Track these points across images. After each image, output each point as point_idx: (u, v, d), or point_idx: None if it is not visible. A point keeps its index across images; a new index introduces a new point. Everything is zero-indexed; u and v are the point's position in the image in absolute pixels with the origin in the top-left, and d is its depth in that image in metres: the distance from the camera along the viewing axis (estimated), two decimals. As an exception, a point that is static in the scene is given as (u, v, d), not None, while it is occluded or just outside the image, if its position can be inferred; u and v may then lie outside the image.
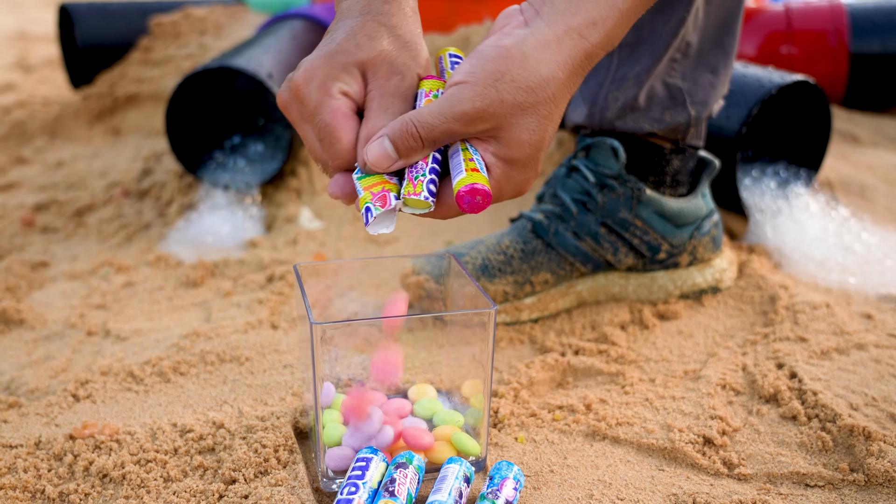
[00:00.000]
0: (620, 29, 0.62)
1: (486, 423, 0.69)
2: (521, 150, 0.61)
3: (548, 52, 0.60)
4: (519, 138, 0.60)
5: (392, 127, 0.60)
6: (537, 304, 0.96)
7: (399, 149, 0.60)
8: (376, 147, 0.60)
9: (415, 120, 0.59)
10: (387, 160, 0.60)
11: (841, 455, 0.73)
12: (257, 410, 0.79)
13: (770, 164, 1.26)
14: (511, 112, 0.59)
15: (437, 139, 0.60)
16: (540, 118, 0.60)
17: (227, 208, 1.27)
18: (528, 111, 0.60)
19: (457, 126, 0.59)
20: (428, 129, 0.59)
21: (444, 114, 0.59)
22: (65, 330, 0.98)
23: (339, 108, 0.61)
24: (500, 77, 0.59)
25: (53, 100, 1.89)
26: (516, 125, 0.60)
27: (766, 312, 0.97)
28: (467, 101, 0.59)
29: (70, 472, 0.72)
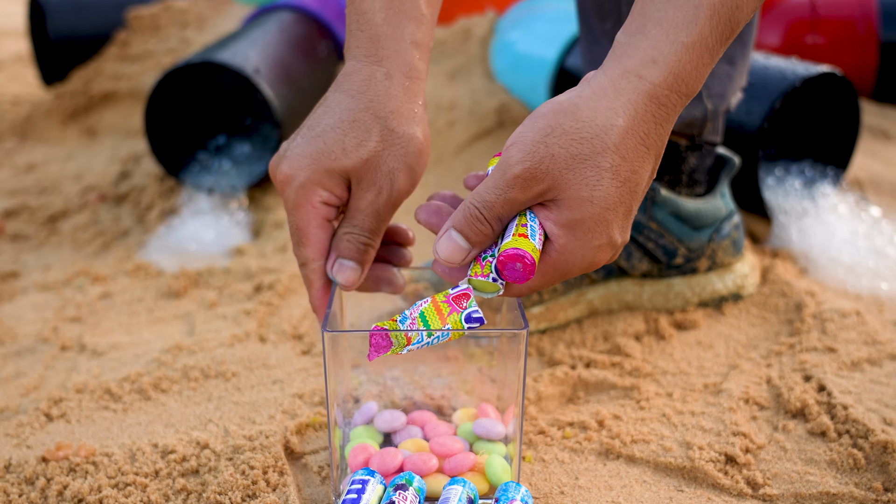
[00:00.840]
0: (690, 66, 0.60)
1: (519, 449, 0.69)
2: (583, 209, 0.59)
3: (603, 100, 0.59)
4: (578, 195, 0.59)
5: (456, 216, 0.61)
6: (545, 314, 0.96)
7: (468, 236, 0.60)
8: (445, 241, 0.61)
9: (474, 201, 0.60)
10: (459, 252, 0.61)
11: (874, 473, 0.73)
12: (244, 429, 0.79)
13: (795, 163, 1.26)
14: (565, 167, 0.58)
15: (501, 214, 0.60)
16: (601, 171, 0.58)
17: (212, 213, 1.27)
18: (585, 164, 0.58)
19: (514, 193, 0.59)
20: (489, 206, 0.60)
21: (498, 185, 0.59)
22: (37, 345, 0.98)
23: (313, 217, 0.67)
24: (549, 132, 0.58)
25: (24, 98, 1.89)
26: (573, 181, 0.58)
27: (791, 321, 0.97)
28: (517, 163, 0.58)
29: (43, 496, 0.72)
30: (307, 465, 0.76)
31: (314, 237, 0.67)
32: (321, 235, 0.68)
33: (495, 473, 0.69)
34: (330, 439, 0.68)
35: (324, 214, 0.67)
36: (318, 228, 0.67)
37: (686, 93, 0.61)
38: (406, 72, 0.69)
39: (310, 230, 0.67)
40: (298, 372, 0.89)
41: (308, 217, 0.67)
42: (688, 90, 0.60)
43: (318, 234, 0.67)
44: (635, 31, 0.60)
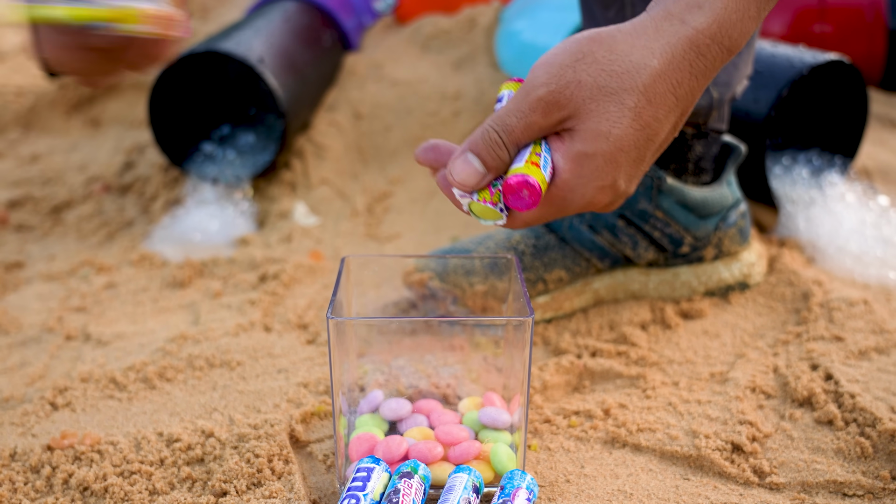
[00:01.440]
0: (736, 17, 0.57)
1: (524, 437, 0.69)
2: (597, 143, 0.56)
3: (642, 38, 0.57)
4: (596, 129, 0.56)
5: (473, 138, 0.58)
6: (551, 304, 0.96)
7: (485, 160, 0.58)
8: (461, 164, 0.58)
9: (494, 125, 0.58)
10: (475, 175, 0.58)
11: (882, 462, 0.73)
12: (249, 418, 0.79)
13: (802, 152, 1.26)
14: (590, 97, 0.56)
15: (520, 139, 0.58)
16: (623, 108, 0.56)
17: (216, 203, 1.28)
18: (610, 98, 0.56)
19: (536, 117, 0.57)
20: (508, 130, 0.57)
21: (520, 108, 0.57)
22: (42, 334, 0.98)
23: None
24: (580, 57, 0.56)
25: (28, 89, 1.89)
26: (594, 112, 0.56)
27: (798, 310, 0.97)
28: (542, 85, 0.56)
29: (48, 485, 0.72)
30: (312, 454, 0.76)
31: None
32: None
33: (501, 462, 0.69)
34: (335, 427, 0.68)
35: None
36: None
37: (728, 46, 0.58)
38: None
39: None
40: (303, 361, 0.90)
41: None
42: (731, 43, 0.58)
43: None
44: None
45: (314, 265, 1.11)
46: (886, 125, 1.53)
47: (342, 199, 1.32)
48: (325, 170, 1.36)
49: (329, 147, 1.40)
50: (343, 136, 1.45)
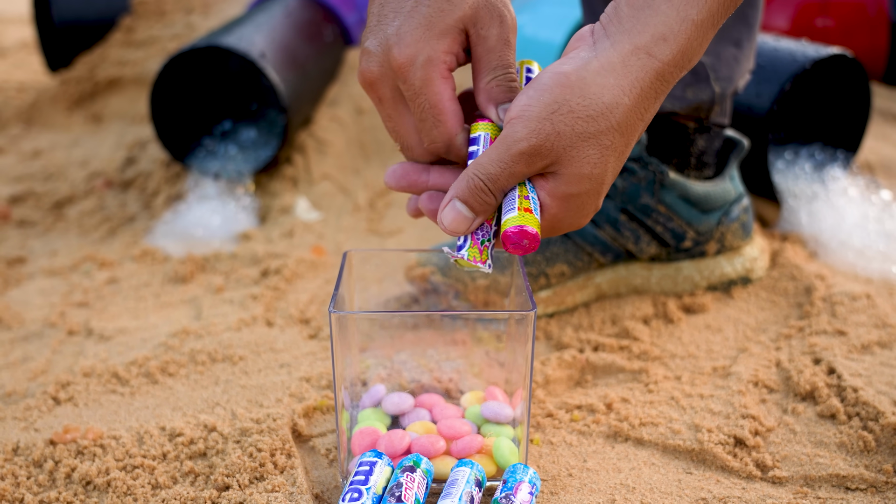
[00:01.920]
0: (696, 43, 0.60)
1: (527, 431, 0.70)
2: (581, 185, 0.60)
3: (612, 76, 0.59)
4: (579, 173, 0.59)
5: (458, 186, 0.61)
6: (553, 298, 0.96)
7: (473, 207, 0.61)
8: (450, 212, 0.61)
9: (478, 173, 0.60)
10: (465, 222, 0.61)
11: (884, 456, 0.73)
12: (252, 413, 0.79)
13: (804, 146, 1.26)
14: (570, 145, 0.59)
15: (505, 186, 0.61)
16: (602, 149, 0.59)
17: (218, 199, 1.28)
18: (588, 142, 0.59)
19: (519, 168, 0.59)
20: (493, 179, 0.60)
21: (503, 159, 0.59)
22: (44, 329, 0.98)
23: (445, 90, 0.63)
24: (556, 109, 0.58)
25: (29, 85, 1.89)
26: (576, 158, 0.59)
27: (801, 304, 0.97)
28: (522, 139, 0.59)
29: (51, 479, 0.72)
30: (315, 448, 0.76)
31: (450, 110, 0.63)
32: (456, 108, 0.64)
33: (503, 456, 0.69)
34: (337, 422, 0.69)
35: (452, 85, 0.64)
36: (451, 101, 0.64)
37: (687, 67, 0.61)
38: None
39: (445, 104, 0.63)
40: (306, 356, 0.90)
41: (440, 90, 0.63)
42: (690, 65, 0.61)
43: (453, 106, 0.64)
44: (643, 5, 0.59)
45: (316, 260, 1.11)
46: (889, 120, 1.53)
47: (344, 194, 1.32)
48: (326, 165, 1.36)
49: (331, 142, 1.40)
50: (345, 131, 1.45)
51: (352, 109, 1.49)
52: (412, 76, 0.63)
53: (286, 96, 1.27)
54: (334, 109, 1.49)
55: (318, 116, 1.46)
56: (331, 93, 1.54)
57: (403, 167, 0.66)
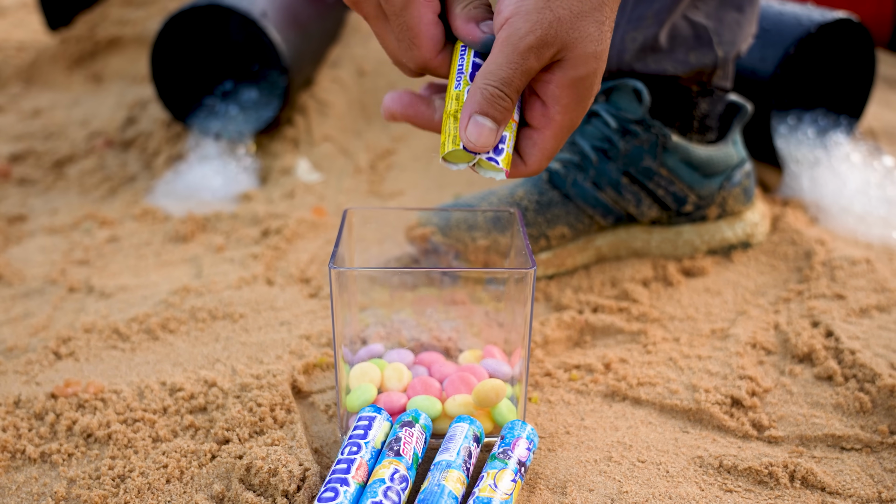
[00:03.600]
0: None
1: (525, 389, 0.70)
2: (588, 65, 0.60)
3: None
4: (584, 53, 0.59)
5: (475, 100, 0.60)
6: (553, 260, 0.96)
7: (494, 116, 0.60)
8: (473, 128, 0.60)
9: (491, 82, 0.60)
10: (491, 134, 0.60)
11: (880, 417, 0.73)
12: (252, 369, 0.80)
13: (808, 112, 1.25)
14: (571, 27, 0.59)
15: (520, 87, 0.60)
16: (599, 24, 0.59)
17: (219, 159, 1.27)
18: (587, 20, 0.59)
19: (530, 63, 0.59)
20: (507, 82, 0.59)
21: (512, 60, 0.59)
22: (45, 286, 0.99)
23: (424, 14, 0.62)
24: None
25: (29, 44, 1.88)
26: (579, 40, 0.59)
27: (800, 269, 0.97)
28: (528, 33, 0.58)
29: (52, 431, 0.73)
30: (314, 404, 0.76)
31: (427, 34, 0.62)
32: (434, 32, 0.63)
33: (501, 413, 0.69)
34: (337, 378, 0.69)
35: (434, 9, 0.62)
36: (429, 25, 0.62)
37: None
38: None
39: (422, 27, 0.62)
40: (306, 314, 0.90)
41: (419, 14, 0.62)
42: None
43: (431, 30, 0.63)
44: None
45: (317, 221, 1.11)
46: (893, 86, 1.52)
47: (345, 155, 1.32)
48: (328, 126, 1.36)
49: (332, 103, 1.40)
50: (346, 92, 1.45)
51: (353, 71, 1.49)
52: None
53: (287, 56, 1.27)
54: (336, 70, 1.48)
55: (320, 77, 1.46)
56: (332, 54, 1.53)
57: (410, 96, 0.65)
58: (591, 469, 0.68)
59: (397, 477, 0.61)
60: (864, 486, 0.66)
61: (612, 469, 0.68)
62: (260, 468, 0.65)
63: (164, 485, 0.66)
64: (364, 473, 0.62)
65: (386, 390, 0.71)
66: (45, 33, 1.92)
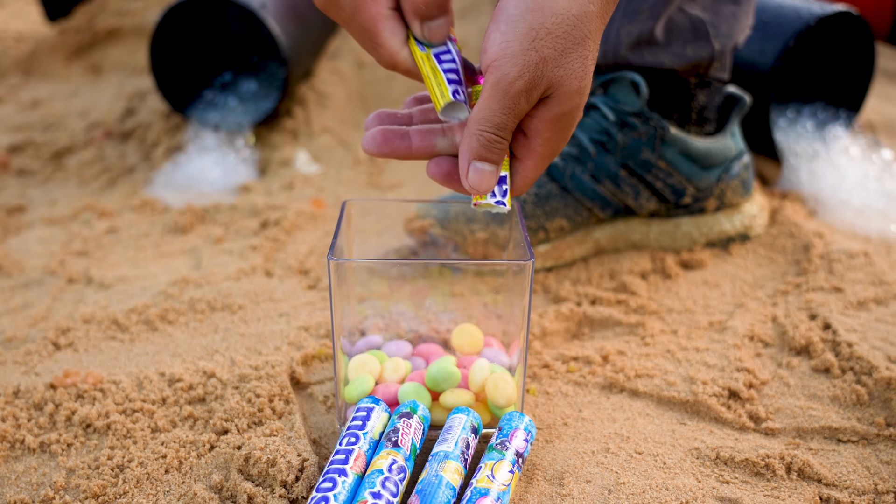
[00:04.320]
0: None
1: (523, 378, 0.70)
2: (572, 101, 0.60)
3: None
4: (570, 89, 0.60)
5: (471, 148, 0.61)
6: (551, 252, 0.96)
7: (492, 160, 0.61)
8: (475, 175, 0.61)
9: (486, 128, 0.60)
10: (491, 177, 0.61)
11: (877, 409, 0.74)
12: (251, 360, 0.80)
13: (807, 105, 1.26)
14: (557, 66, 0.59)
15: (513, 127, 0.61)
16: (583, 60, 0.60)
17: (218, 150, 1.27)
18: (570, 56, 0.59)
19: (521, 106, 0.60)
20: (502, 127, 0.60)
21: (504, 105, 0.59)
22: (44, 277, 0.99)
23: (377, 12, 0.61)
24: (535, 36, 0.58)
25: (27, 35, 1.88)
26: (565, 77, 0.59)
27: (798, 261, 0.97)
28: (516, 78, 0.58)
29: (51, 421, 0.73)
30: (313, 395, 0.77)
31: (385, 30, 0.61)
32: (392, 25, 0.62)
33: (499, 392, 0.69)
34: (335, 369, 0.69)
35: (386, 5, 0.61)
36: (385, 20, 0.61)
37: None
38: None
39: (378, 25, 0.61)
40: (304, 305, 0.90)
41: (372, 12, 0.61)
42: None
43: (388, 24, 0.61)
44: None
45: (315, 212, 1.11)
46: (892, 79, 1.52)
47: (344, 147, 1.32)
48: (327, 118, 1.36)
49: (331, 95, 1.40)
50: (345, 84, 1.45)
51: (353, 62, 1.49)
52: (342, 3, 0.61)
53: (287, 48, 1.27)
54: (335, 62, 1.48)
55: (319, 69, 1.46)
56: (332, 45, 1.53)
57: (383, 134, 0.65)
58: (588, 460, 0.68)
59: (395, 467, 0.61)
60: (860, 478, 0.66)
61: (610, 460, 0.68)
62: (259, 458, 0.65)
63: (163, 475, 0.67)
64: (362, 464, 0.62)
65: (384, 382, 0.71)
66: (44, 24, 1.92)
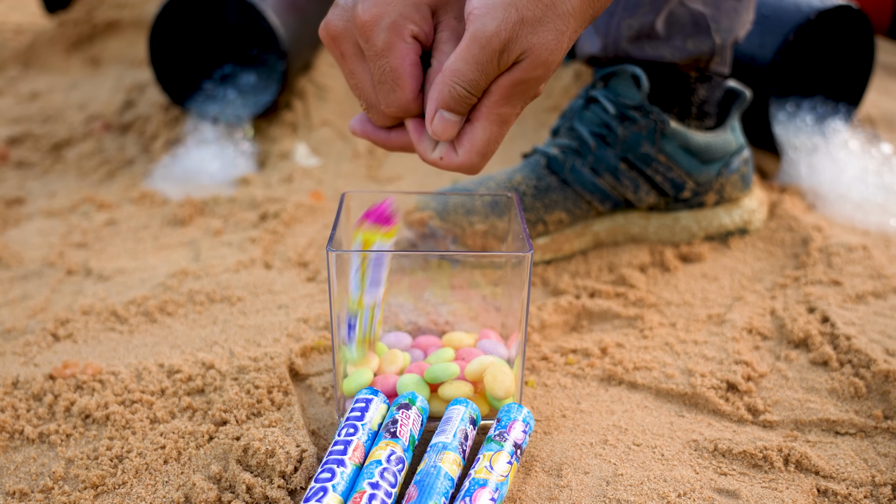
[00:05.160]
0: None
1: (521, 371, 0.70)
2: (535, 70, 0.60)
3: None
4: (538, 60, 0.59)
5: (441, 97, 0.61)
6: (550, 245, 0.96)
7: (458, 111, 0.61)
8: (439, 123, 0.61)
9: (457, 81, 0.60)
10: (454, 126, 0.62)
11: (874, 402, 0.74)
12: (249, 351, 0.80)
13: (806, 99, 1.26)
14: (531, 31, 0.58)
15: (484, 86, 0.60)
16: (558, 34, 0.59)
17: (217, 143, 1.28)
18: (547, 27, 0.59)
19: (494, 67, 0.59)
20: (474, 84, 0.60)
21: (479, 61, 0.59)
22: (43, 269, 0.99)
23: (408, 55, 0.62)
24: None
25: (26, 27, 1.88)
26: (536, 46, 0.59)
27: (797, 255, 0.97)
28: (493, 34, 0.58)
29: (50, 412, 0.73)
30: (311, 387, 0.77)
31: (410, 75, 0.62)
32: (417, 73, 0.63)
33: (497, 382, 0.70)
34: (334, 361, 0.69)
35: (417, 52, 0.63)
36: (413, 66, 0.62)
37: None
38: None
39: (406, 68, 0.62)
40: (303, 297, 0.90)
41: (403, 56, 0.62)
42: None
43: (415, 71, 0.62)
44: None
45: (315, 205, 1.11)
46: (892, 74, 1.52)
47: (343, 140, 1.32)
48: (326, 111, 1.36)
49: (331, 88, 1.40)
50: (345, 77, 1.44)
51: (352, 56, 1.48)
52: (375, 37, 0.61)
53: (286, 41, 1.27)
54: (334, 55, 1.48)
55: (318, 62, 1.46)
56: (331, 39, 1.53)
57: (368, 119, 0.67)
58: (586, 452, 0.68)
59: (394, 458, 0.61)
60: (857, 471, 0.67)
61: (608, 452, 0.68)
62: (257, 449, 0.65)
63: (162, 465, 0.67)
64: (361, 455, 0.62)
65: (383, 373, 0.72)
66: (43, 16, 1.92)
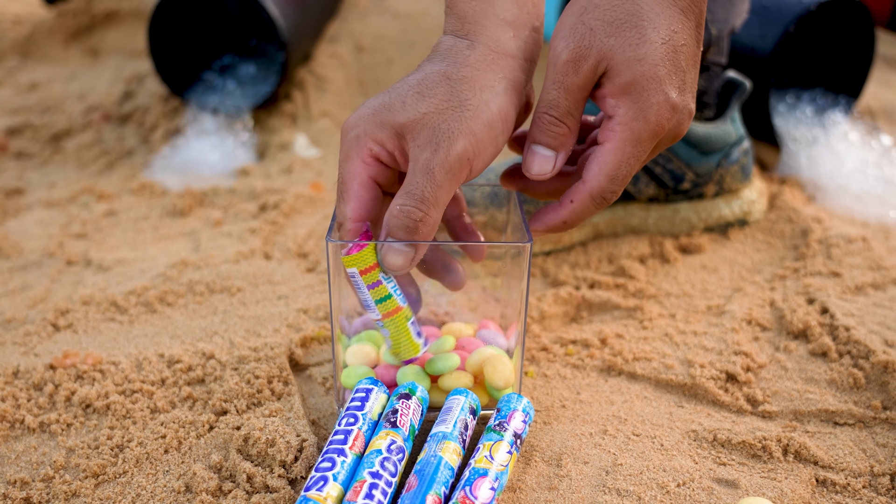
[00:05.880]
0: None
1: (521, 361, 0.70)
2: (633, 68, 0.58)
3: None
4: (625, 57, 0.58)
5: (531, 131, 0.61)
6: (550, 236, 0.96)
7: (549, 143, 0.61)
8: (530, 158, 0.61)
9: (541, 108, 0.60)
10: (548, 161, 0.62)
11: (874, 392, 0.74)
12: (250, 342, 0.80)
13: (806, 90, 1.26)
14: (606, 35, 0.58)
15: (570, 107, 0.60)
16: (640, 29, 0.58)
17: (217, 134, 1.27)
18: (623, 26, 0.58)
19: (570, 78, 0.59)
20: (555, 105, 0.60)
21: (554, 80, 0.59)
22: (43, 259, 0.99)
23: (359, 173, 0.62)
24: (583, 11, 0.59)
25: (25, 17, 1.88)
26: (618, 46, 0.58)
27: (797, 246, 0.97)
28: (562, 50, 0.59)
29: (51, 402, 0.73)
30: (311, 377, 0.77)
31: (355, 194, 0.63)
32: (363, 194, 0.63)
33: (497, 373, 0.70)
34: (334, 351, 0.69)
35: (371, 172, 0.63)
36: (361, 186, 0.63)
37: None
38: (491, 45, 0.64)
39: (353, 185, 0.62)
40: (303, 288, 0.90)
41: (354, 171, 0.62)
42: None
43: (361, 192, 0.63)
44: None
45: (314, 196, 1.11)
46: (892, 66, 1.52)
47: (343, 131, 1.32)
48: (326, 102, 1.36)
49: (330, 79, 1.40)
50: (344, 68, 1.44)
51: (352, 46, 1.48)
52: (342, 144, 0.63)
53: (286, 31, 1.26)
54: (334, 46, 1.48)
55: (318, 53, 1.45)
56: (330, 29, 1.53)
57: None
58: (586, 442, 0.68)
59: (394, 448, 0.61)
60: (856, 461, 0.67)
61: (607, 442, 0.68)
62: (258, 439, 0.65)
63: (163, 455, 0.67)
64: (361, 444, 0.62)
65: (383, 363, 0.72)
66: (42, 6, 1.91)
